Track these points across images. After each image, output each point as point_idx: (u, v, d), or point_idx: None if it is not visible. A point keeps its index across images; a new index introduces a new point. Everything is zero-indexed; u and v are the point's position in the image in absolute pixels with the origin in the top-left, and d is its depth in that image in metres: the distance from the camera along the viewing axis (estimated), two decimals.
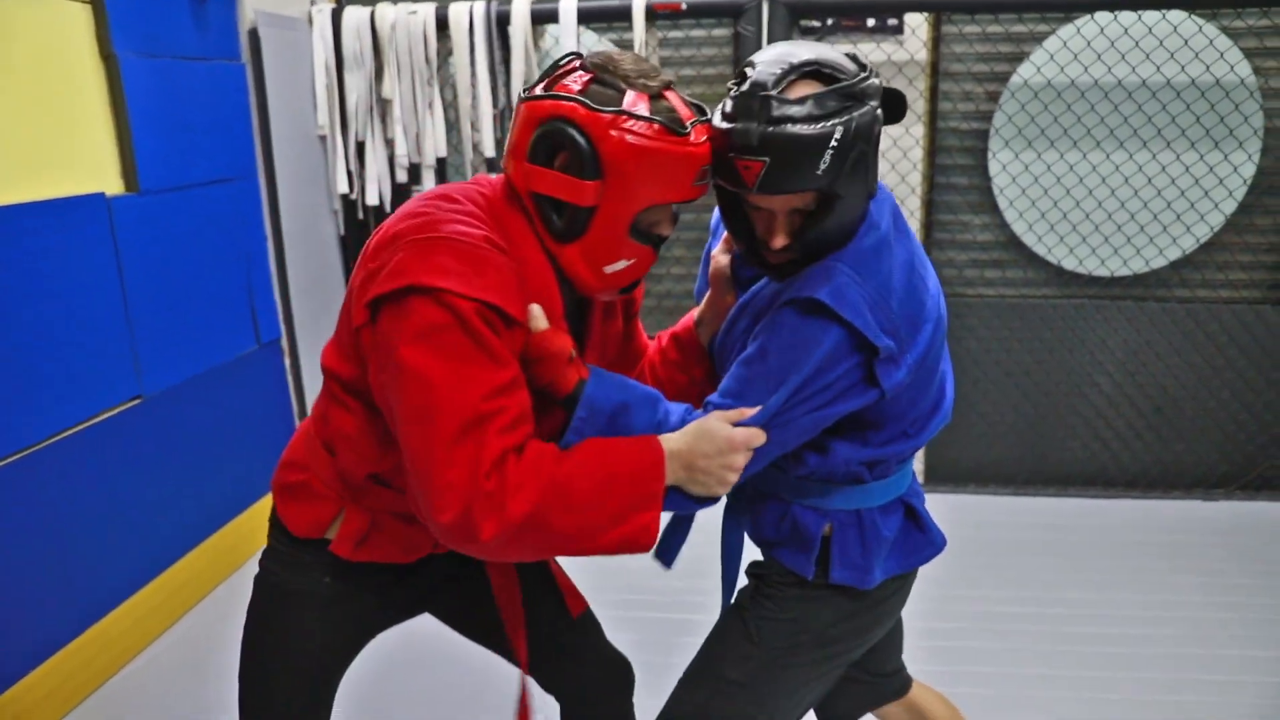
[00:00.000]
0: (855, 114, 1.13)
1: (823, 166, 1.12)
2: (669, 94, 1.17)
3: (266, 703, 1.42)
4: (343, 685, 1.47)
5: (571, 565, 1.60)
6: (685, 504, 1.23)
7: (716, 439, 1.17)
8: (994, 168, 3.38)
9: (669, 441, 1.19)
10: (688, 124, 1.14)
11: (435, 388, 1.08)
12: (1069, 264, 3.43)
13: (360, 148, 3.44)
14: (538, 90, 1.18)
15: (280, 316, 3.25)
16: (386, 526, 1.33)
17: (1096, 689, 2.37)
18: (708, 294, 1.48)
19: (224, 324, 2.96)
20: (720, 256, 1.46)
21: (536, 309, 1.17)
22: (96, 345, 2.44)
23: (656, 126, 1.11)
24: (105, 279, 2.47)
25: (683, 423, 1.22)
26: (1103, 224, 3.39)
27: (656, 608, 2.73)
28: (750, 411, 1.20)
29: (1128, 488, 3.56)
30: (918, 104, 3.35)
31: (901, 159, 3.37)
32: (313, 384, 3.43)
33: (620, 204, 1.15)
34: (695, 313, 1.50)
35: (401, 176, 3.46)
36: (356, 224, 3.59)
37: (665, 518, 1.49)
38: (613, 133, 1.11)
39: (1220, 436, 3.52)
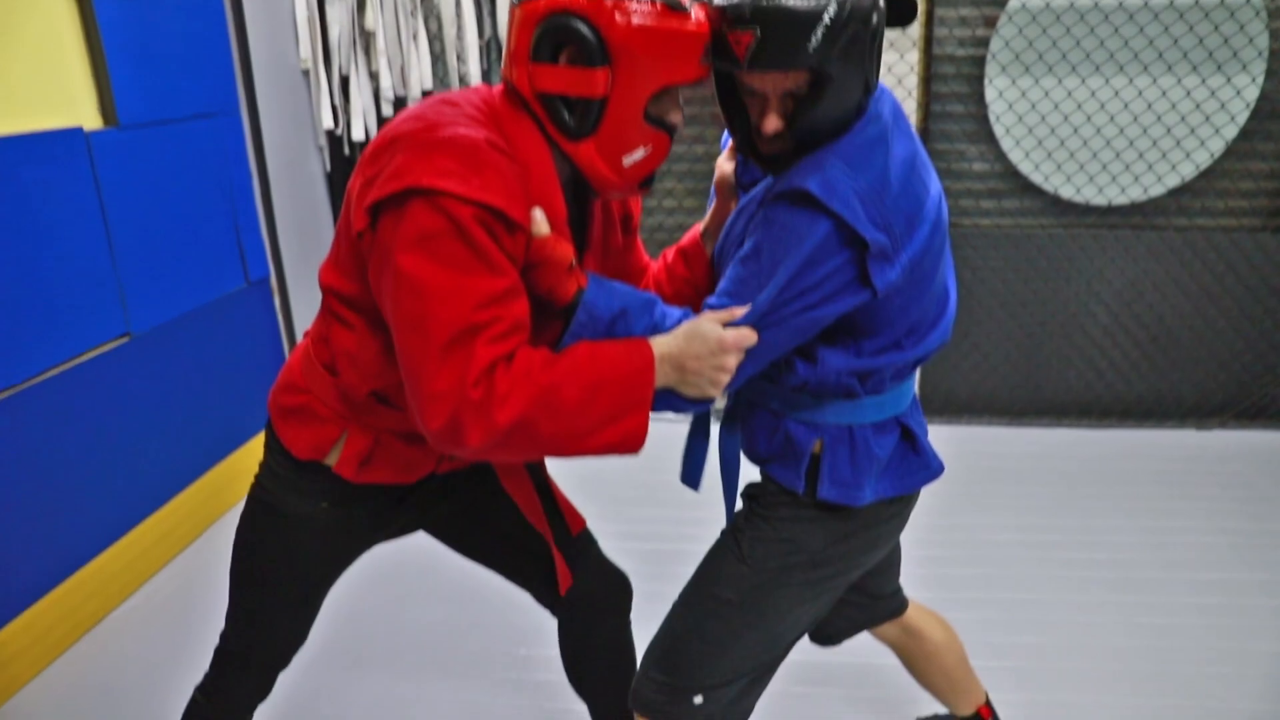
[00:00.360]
0: None
1: (814, 43, 1.10)
2: None
3: (254, 613, 1.44)
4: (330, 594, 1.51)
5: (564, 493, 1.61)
6: (678, 405, 1.22)
7: (708, 340, 1.16)
8: (990, 94, 3.31)
9: (660, 344, 1.18)
10: (686, 2, 1.13)
11: (428, 297, 1.08)
12: (1066, 193, 3.38)
13: (344, 81, 3.37)
14: None
15: (268, 254, 3.21)
16: (390, 446, 1.34)
17: (1089, 612, 2.40)
18: (713, 204, 1.46)
19: (211, 262, 2.93)
20: (724, 164, 1.43)
21: (539, 213, 1.15)
22: (82, 282, 2.42)
23: (658, 6, 1.11)
24: (88, 215, 2.43)
25: (680, 325, 1.21)
26: (1101, 151, 3.33)
27: (651, 538, 2.75)
28: (741, 311, 1.18)
29: (1122, 418, 3.56)
30: (912, 29, 3.27)
31: (896, 86, 3.31)
32: (303, 322, 3.41)
33: (632, 89, 1.14)
34: (701, 225, 1.49)
35: (387, 111, 3.40)
36: (343, 160, 3.54)
37: (679, 445, 1.50)
38: (617, 17, 1.10)
39: (1215, 366, 3.51)
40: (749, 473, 1.45)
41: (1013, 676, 2.14)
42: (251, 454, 3.15)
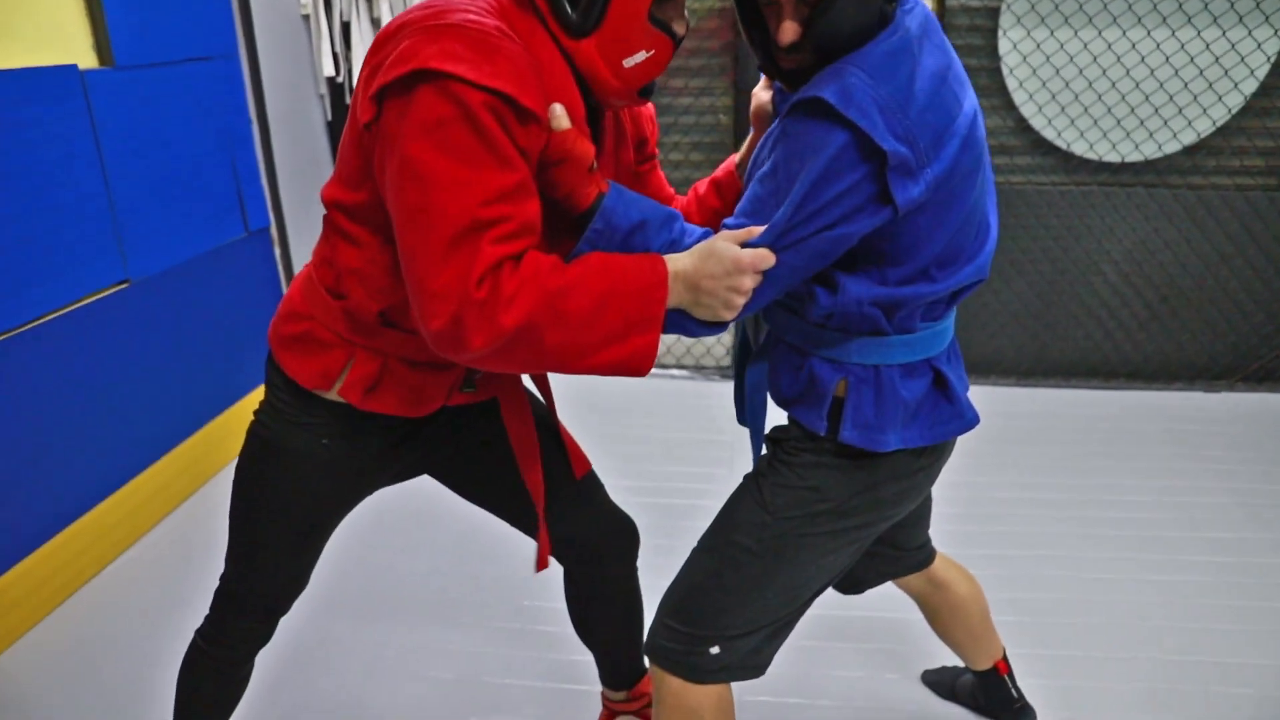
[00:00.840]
0: None
1: None
2: None
3: (253, 553, 1.41)
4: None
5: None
6: (690, 328, 1.18)
7: (724, 260, 1.11)
8: (1004, 46, 3.25)
9: (675, 262, 1.13)
10: None
11: (432, 189, 1.03)
12: (1079, 149, 3.32)
13: (345, 28, 3.30)
14: None
15: (269, 204, 3.16)
16: (397, 372, 1.29)
17: (1101, 569, 2.39)
18: (750, 136, 1.42)
19: (211, 209, 2.88)
20: (761, 93, 1.38)
21: (559, 107, 1.10)
22: (79, 225, 2.37)
23: None
24: (85, 157, 2.38)
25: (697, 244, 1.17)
26: (1115, 106, 3.27)
27: (664, 494, 2.73)
28: (758, 230, 1.13)
29: (1130, 379, 3.53)
30: None
31: None
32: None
33: None
34: (736, 156, 1.44)
35: None
36: (343, 109, 3.47)
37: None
38: None
39: (1225, 327, 3.47)
40: (776, 417, 1.40)
41: (1027, 632, 2.12)
42: (253, 407, 3.11)
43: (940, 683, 1.99)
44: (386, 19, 3.22)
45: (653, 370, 1.39)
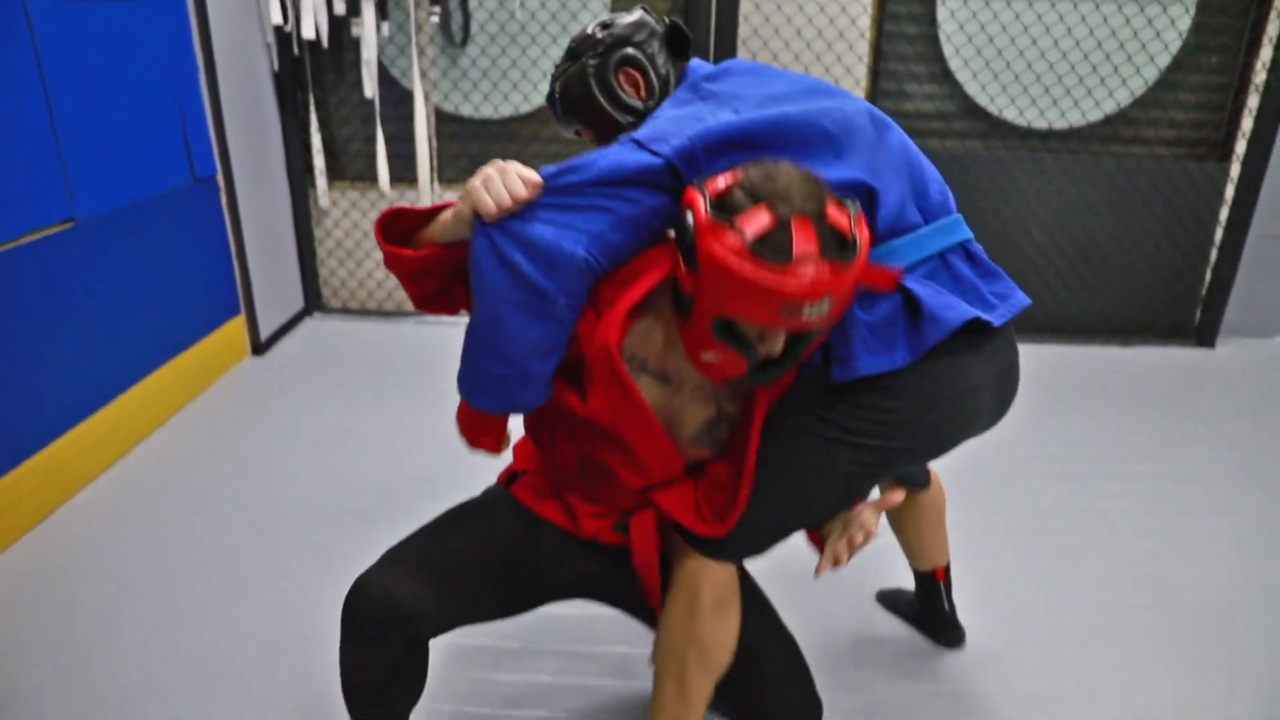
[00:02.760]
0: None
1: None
2: (802, 223, 1.07)
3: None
4: None
5: None
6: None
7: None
8: (942, 14, 3.39)
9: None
10: (792, 258, 1.05)
11: None
12: (1010, 115, 3.50)
13: None
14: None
15: (215, 152, 3.11)
16: None
17: (1032, 497, 2.56)
18: None
19: (157, 153, 2.83)
20: None
21: None
22: (24, 158, 2.31)
23: (744, 247, 1.06)
24: (29, 88, 2.31)
25: None
26: (1044, 75, 3.45)
27: None
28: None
29: (1054, 334, 3.74)
30: None
31: (852, 2, 3.36)
32: (252, 224, 3.33)
33: (705, 303, 1.14)
34: None
35: (340, 8, 3.30)
36: (291, 59, 3.43)
37: None
38: (708, 238, 1.09)
39: (1140, 286, 3.70)
40: None
41: (966, 553, 2.26)
42: (198, 356, 3.07)
43: (888, 598, 2.12)
44: None
45: None
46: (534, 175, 1.17)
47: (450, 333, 3.76)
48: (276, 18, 3.25)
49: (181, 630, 1.95)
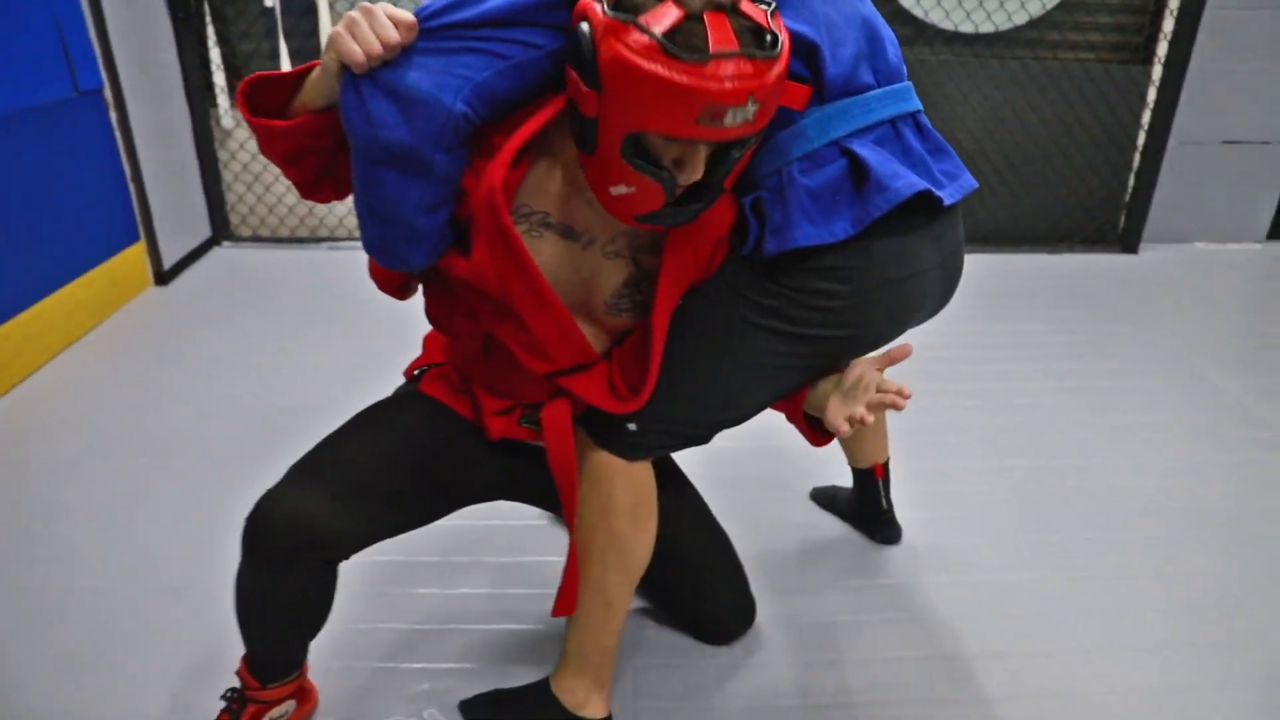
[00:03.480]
0: None
1: None
2: (716, 15, 0.95)
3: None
4: None
5: None
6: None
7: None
8: None
9: None
10: (709, 53, 0.93)
11: None
12: (935, 18, 3.44)
13: None
14: None
15: (100, 64, 2.88)
16: None
17: (964, 398, 2.55)
18: None
19: (30, 60, 2.59)
20: None
21: None
22: None
23: (654, 44, 0.93)
24: None
25: None
26: None
27: None
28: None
29: (982, 243, 3.74)
30: None
31: None
32: (147, 143, 3.10)
33: (612, 122, 1.00)
34: None
35: None
36: None
37: None
38: (610, 40, 0.95)
39: (1065, 193, 3.71)
40: None
41: (904, 452, 2.24)
42: (93, 285, 2.88)
43: (822, 495, 2.09)
44: None
45: None
46: (406, 15, 1.03)
47: (364, 258, 3.60)
48: None
49: (67, 571, 1.82)
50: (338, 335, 2.83)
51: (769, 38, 0.98)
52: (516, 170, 1.12)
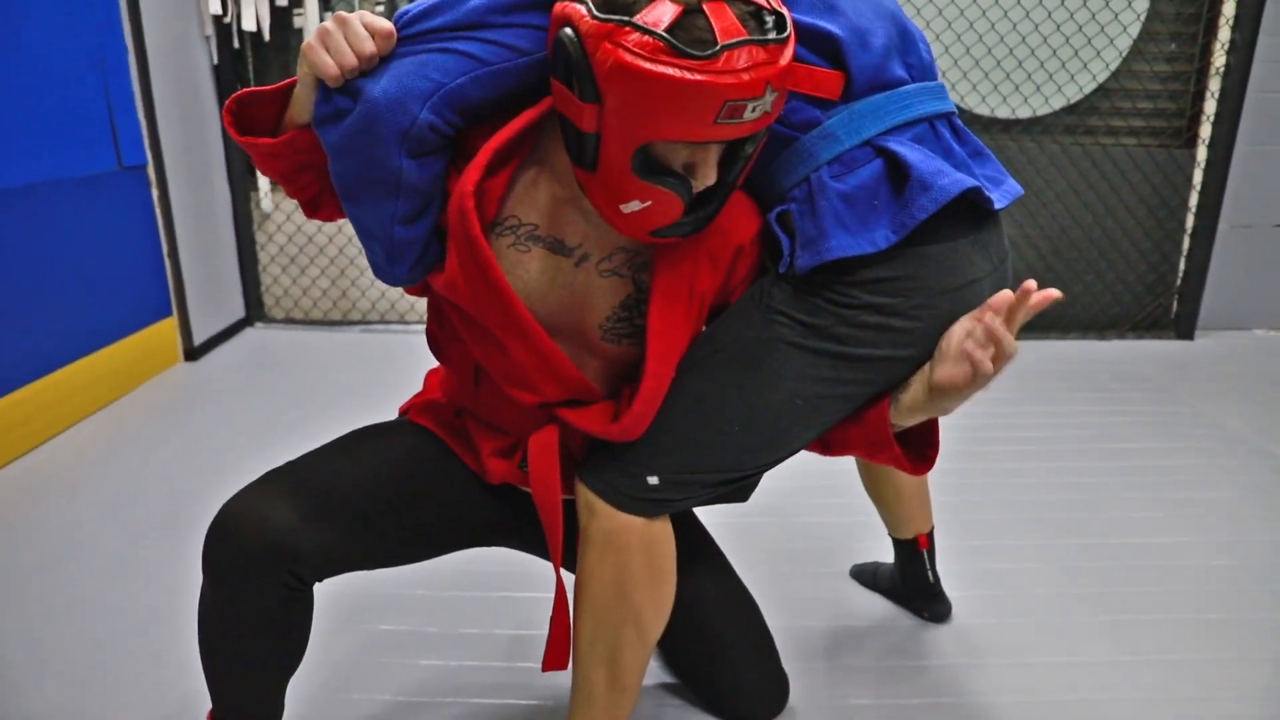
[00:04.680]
0: None
1: None
2: (716, 5, 0.88)
3: None
4: None
5: None
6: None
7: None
8: (902, 4, 3.33)
9: None
10: (718, 45, 0.86)
11: None
12: (971, 102, 3.42)
13: None
14: None
15: (146, 142, 2.95)
16: None
17: (1014, 476, 2.40)
18: None
19: (80, 133, 2.66)
20: None
21: None
22: None
23: (658, 43, 0.85)
24: None
25: None
26: (1004, 60, 3.39)
27: None
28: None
29: (1027, 330, 3.61)
30: None
31: None
32: (184, 218, 3.15)
33: (618, 135, 0.92)
34: None
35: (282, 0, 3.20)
36: (231, 52, 3.31)
37: None
38: (606, 46, 0.87)
39: (1113, 278, 3.60)
40: None
41: (948, 529, 2.08)
42: (122, 355, 2.87)
43: (863, 574, 1.93)
44: None
45: None
46: (384, 24, 0.97)
47: (398, 340, 3.59)
48: (216, 8, 3.14)
49: (62, 634, 1.73)
50: (366, 416, 2.76)
51: (772, 19, 0.90)
52: (499, 177, 1.04)
